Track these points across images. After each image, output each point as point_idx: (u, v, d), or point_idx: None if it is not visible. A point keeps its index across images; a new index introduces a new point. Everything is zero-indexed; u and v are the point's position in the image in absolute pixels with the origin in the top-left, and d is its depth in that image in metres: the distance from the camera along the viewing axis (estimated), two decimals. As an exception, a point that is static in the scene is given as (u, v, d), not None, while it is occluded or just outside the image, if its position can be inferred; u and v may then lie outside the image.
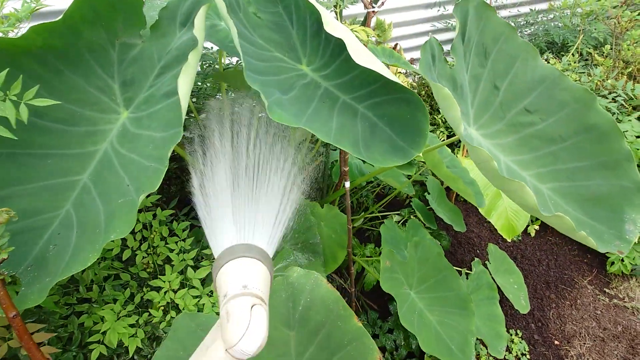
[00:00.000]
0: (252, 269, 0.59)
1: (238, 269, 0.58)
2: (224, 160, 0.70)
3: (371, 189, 2.37)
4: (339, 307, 0.79)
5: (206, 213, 0.66)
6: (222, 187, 0.67)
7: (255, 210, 0.66)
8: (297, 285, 0.81)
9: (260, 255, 0.61)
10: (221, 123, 0.77)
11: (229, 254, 0.60)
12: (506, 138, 1.17)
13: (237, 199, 0.66)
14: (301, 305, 0.79)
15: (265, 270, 0.60)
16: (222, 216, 0.65)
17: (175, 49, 0.98)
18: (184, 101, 0.88)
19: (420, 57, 1.04)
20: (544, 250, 2.46)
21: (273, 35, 1.14)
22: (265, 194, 0.69)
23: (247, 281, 0.56)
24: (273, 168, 0.72)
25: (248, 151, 0.72)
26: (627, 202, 1.05)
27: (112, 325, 1.09)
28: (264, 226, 0.66)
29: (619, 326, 2.08)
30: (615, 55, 2.88)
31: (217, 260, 0.60)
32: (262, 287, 0.57)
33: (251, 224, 0.65)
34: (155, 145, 0.90)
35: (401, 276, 1.40)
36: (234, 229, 0.63)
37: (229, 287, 0.56)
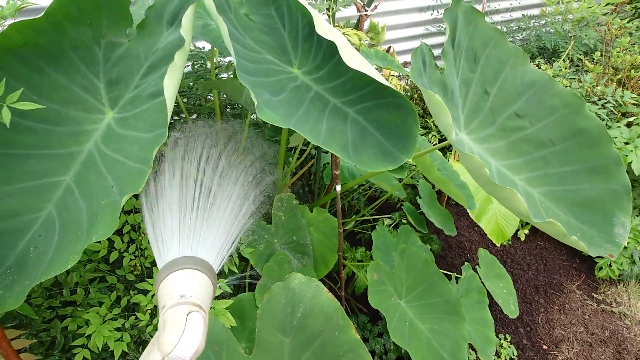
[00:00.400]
0: (192, 279, 0.59)
1: (177, 281, 0.58)
2: (174, 178, 0.72)
3: (363, 191, 2.36)
4: (338, 316, 0.78)
5: (152, 228, 0.67)
6: (170, 203, 0.69)
7: (202, 224, 0.67)
8: (298, 291, 0.80)
9: (202, 266, 0.61)
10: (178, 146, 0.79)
11: (169, 267, 0.60)
12: (497, 142, 1.17)
13: (184, 214, 0.68)
14: (300, 312, 0.78)
15: (207, 279, 0.61)
16: (167, 231, 0.66)
17: (162, 49, 0.97)
18: (170, 102, 0.87)
19: (411, 63, 1.04)
20: (533, 254, 2.48)
21: (264, 37, 1.13)
22: (213, 208, 0.70)
23: (185, 291, 0.57)
24: (224, 184, 0.74)
25: (199, 169, 0.74)
26: (617, 206, 1.06)
27: (98, 328, 1.07)
28: (210, 239, 0.67)
29: (607, 331, 2.09)
30: (605, 61, 2.91)
31: (158, 274, 0.60)
32: (201, 295, 0.57)
33: (195, 237, 0.66)
34: (140, 146, 0.88)
35: (390, 287, 1.39)
36: (176, 243, 0.64)
37: (167, 299, 0.56)
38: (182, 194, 0.72)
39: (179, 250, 0.64)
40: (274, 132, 1.59)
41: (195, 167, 0.76)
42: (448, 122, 0.92)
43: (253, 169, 0.86)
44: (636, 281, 2.31)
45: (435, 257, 2.29)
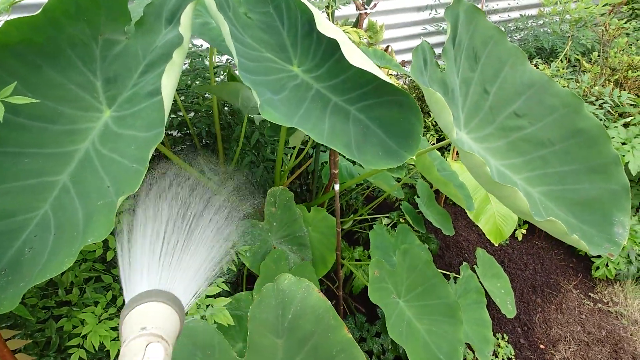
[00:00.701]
0: (154, 311, 0.59)
1: (139, 314, 0.58)
2: (146, 215, 0.71)
3: (361, 191, 2.36)
4: (330, 316, 0.77)
5: (121, 264, 0.67)
6: (141, 236, 0.69)
7: (171, 258, 0.67)
8: (288, 292, 0.79)
9: (166, 298, 0.61)
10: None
11: (132, 302, 0.60)
12: (496, 142, 1.17)
13: (154, 248, 0.67)
14: (291, 314, 0.77)
15: (171, 311, 0.60)
16: (135, 266, 0.65)
17: (161, 47, 0.96)
18: (168, 101, 0.86)
19: (412, 61, 1.03)
20: (530, 254, 2.48)
21: (263, 35, 1.12)
22: (186, 242, 0.70)
23: (146, 323, 0.56)
24: (198, 218, 0.74)
25: (171, 206, 0.75)
26: (616, 205, 1.06)
27: (94, 328, 1.06)
28: (179, 273, 0.66)
29: (603, 330, 2.10)
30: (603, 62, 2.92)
31: (123, 310, 0.60)
32: (164, 326, 0.57)
33: (163, 272, 0.65)
34: (137, 146, 0.87)
35: (390, 285, 1.38)
36: (144, 278, 0.64)
37: (128, 332, 0.55)
38: (153, 229, 0.71)
39: (145, 284, 0.64)
40: (273, 131, 1.58)
41: (167, 203, 0.76)
42: (449, 120, 0.91)
43: (230, 203, 0.86)
44: (633, 281, 2.32)
45: (433, 256, 2.29)
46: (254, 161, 1.71)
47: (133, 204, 0.75)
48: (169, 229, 0.72)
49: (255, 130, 1.76)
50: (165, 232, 0.71)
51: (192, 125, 1.74)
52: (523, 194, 1.07)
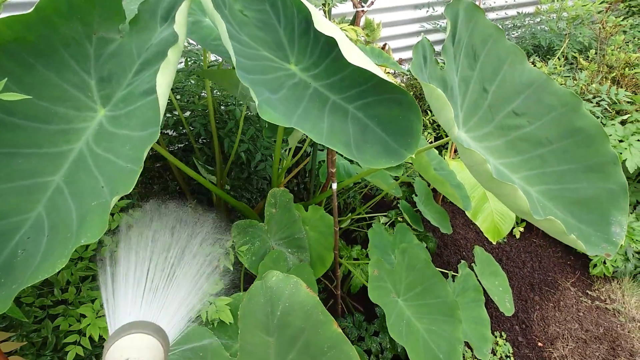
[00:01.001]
0: (137, 343, 0.60)
1: (123, 346, 0.59)
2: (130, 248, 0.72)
3: (358, 189, 2.35)
4: (318, 312, 0.76)
5: (105, 297, 0.68)
6: (127, 269, 0.70)
7: (155, 289, 0.68)
8: (276, 289, 0.78)
9: (150, 329, 0.62)
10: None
11: (118, 333, 0.60)
12: (495, 141, 1.16)
13: (138, 281, 0.69)
14: (280, 310, 0.77)
15: (154, 342, 0.61)
16: (119, 298, 0.66)
17: (155, 45, 0.94)
18: (163, 99, 0.84)
19: (412, 58, 1.02)
20: (528, 252, 2.48)
21: (260, 33, 1.10)
22: (170, 275, 0.71)
23: (129, 354, 0.57)
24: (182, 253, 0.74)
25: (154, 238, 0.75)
26: (614, 205, 1.06)
27: (93, 321, 1.05)
28: (163, 303, 0.67)
29: (601, 328, 2.11)
30: (600, 59, 2.92)
31: (107, 341, 0.60)
32: (147, 357, 0.57)
33: (147, 303, 0.66)
34: (132, 145, 0.86)
35: (389, 284, 1.38)
36: (127, 309, 0.65)
37: None
38: (137, 261, 0.72)
39: (129, 316, 0.65)
40: (272, 132, 1.57)
41: (151, 233, 0.77)
42: (450, 117, 0.90)
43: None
44: (630, 278, 2.33)
45: (432, 254, 2.29)
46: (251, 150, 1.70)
47: (116, 233, 0.76)
48: (154, 258, 0.73)
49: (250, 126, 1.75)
50: (151, 262, 0.72)
51: (188, 124, 1.73)
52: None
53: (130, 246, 0.74)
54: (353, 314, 1.81)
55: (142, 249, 0.75)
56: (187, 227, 0.91)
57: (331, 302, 1.89)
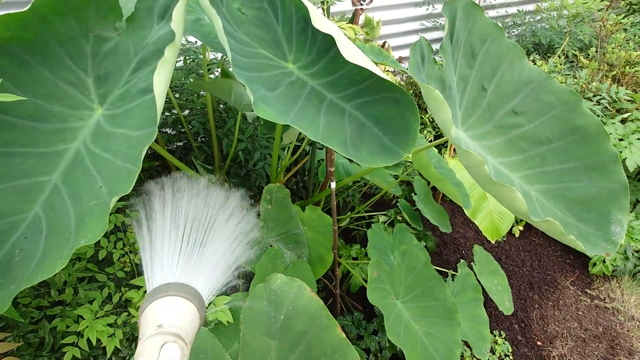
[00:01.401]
0: (173, 307, 0.57)
1: (157, 309, 0.56)
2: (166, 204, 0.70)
3: (358, 188, 2.35)
4: (322, 316, 0.76)
5: (144, 254, 0.65)
6: (164, 225, 0.67)
7: (192, 249, 0.66)
8: (280, 292, 0.78)
9: (186, 292, 0.59)
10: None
11: (152, 295, 0.58)
12: (494, 140, 1.15)
13: (176, 238, 0.66)
14: (283, 314, 0.76)
15: (191, 307, 0.58)
16: (156, 257, 0.64)
17: (153, 43, 0.94)
18: (160, 98, 0.84)
19: (409, 57, 1.01)
20: (528, 251, 2.48)
21: (258, 31, 1.10)
22: (209, 234, 0.69)
23: (163, 320, 0.54)
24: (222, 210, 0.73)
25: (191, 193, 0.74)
26: (614, 204, 1.05)
27: (91, 323, 1.05)
28: (200, 264, 0.65)
29: (600, 327, 2.11)
30: (600, 57, 2.91)
31: (142, 303, 0.58)
32: (180, 324, 0.55)
33: (184, 263, 0.64)
34: (130, 145, 0.85)
35: (388, 286, 1.38)
36: (164, 270, 0.62)
37: (144, 329, 0.54)
38: (172, 219, 0.70)
39: (165, 277, 0.62)
40: (268, 129, 1.56)
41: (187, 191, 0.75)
42: (447, 118, 0.90)
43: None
44: (629, 277, 2.33)
45: (431, 254, 2.29)
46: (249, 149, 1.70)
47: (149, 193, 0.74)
48: (190, 219, 0.71)
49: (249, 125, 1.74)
50: (186, 223, 0.70)
51: (187, 123, 1.72)
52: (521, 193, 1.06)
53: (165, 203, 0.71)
54: (352, 313, 1.80)
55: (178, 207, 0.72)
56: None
57: (330, 301, 1.89)
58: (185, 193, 0.76)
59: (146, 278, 0.63)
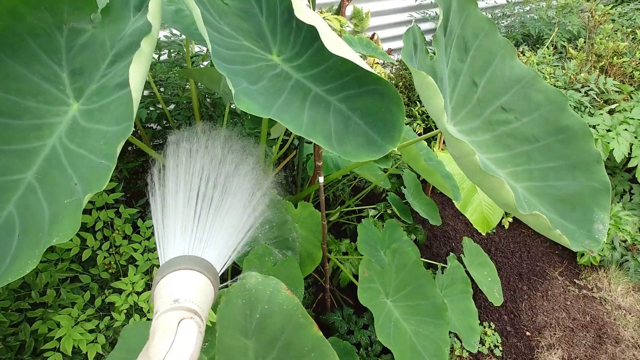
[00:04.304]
0: (189, 281, 0.56)
1: (172, 283, 0.55)
2: (179, 176, 0.67)
3: (347, 182, 2.33)
4: (299, 314, 0.75)
5: (156, 226, 0.63)
6: (179, 196, 0.65)
7: (207, 222, 0.64)
8: (255, 292, 0.76)
9: (201, 265, 0.57)
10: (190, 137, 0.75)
11: (166, 267, 0.56)
12: (483, 135, 1.14)
13: (190, 211, 0.64)
14: (259, 313, 0.75)
15: (206, 281, 0.57)
16: (169, 229, 0.62)
17: (129, 36, 0.90)
18: (137, 92, 0.81)
19: (401, 47, 0.99)
20: (517, 242, 2.49)
21: (241, 23, 1.07)
22: (221, 207, 0.67)
23: (179, 295, 0.53)
24: (233, 184, 0.70)
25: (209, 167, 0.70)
26: (596, 203, 1.06)
27: (68, 331, 1.02)
28: (214, 239, 0.63)
29: (588, 316, 2.13)
30: (589, 48, 2.91)
31: (156, 274, 0.56)
32: (197, 299, 0.54)
33: (197, 235, 0.62)
34: (106, 141, 0.82)
35: (378, 285, 1.37)
36: (177, 241, 0.60)
37: (160, 303, 0.52)
38: (186, 189, 0.68)
39: (179, 249, 0.60)
40: (254, 124, 1.53)
41: (200, 156, 0.73)
42: (440, 106, 0.88)
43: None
44: (616, 266, 2.35)
45: (421, 247, 2.29)
46: None
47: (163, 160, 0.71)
48: (202, 188, 0.69)
49: (238, 122, 1.72)
50: (199, 192, 0.68)
51: (172, 117, 1.69)
52: (508, 187, 1.06)
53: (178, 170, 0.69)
54: (342, 308, 1.80)
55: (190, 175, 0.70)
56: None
57: (320, 296, 1.88)
58: (200, 152, 0.74)
59: (158, 248, 0.62)
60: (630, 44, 2.90)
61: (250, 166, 0.82)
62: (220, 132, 0.84)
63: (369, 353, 1.67)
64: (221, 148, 0.79)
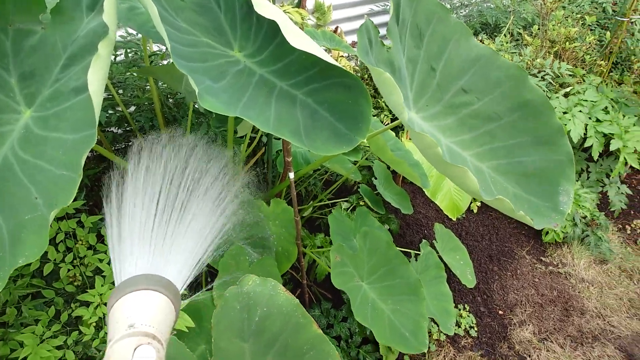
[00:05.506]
0: (146, 303, 0.52)
1: (128, 306, 0.51)
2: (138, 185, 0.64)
3: (319, 176, 2.33)
4: (298, 315, 0.74)
5: (111, 242, 0.60)
6: (136, 209, 0.61)
7: (168, 234, 0.60)
8: (253, 294, 0.75)
9: (160, 285, 0.54)
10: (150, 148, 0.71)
11: (121, 289, 0.52)
12: (445, 119, 1.17)
13: (148, 223, 0.60)
14: (257, 316, 0.74)
15: (165, 301, 0.53)
16: (125, 244, 0.58)
17: (83, 37, 0.86)
18: (97, 97, 0.77)
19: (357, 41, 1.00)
20: (486, 225, 2.57)
21: (199, 18, 1.04)
22: (185, 216, 0.64)
23: (135, 319, 0.49)
24: (200, 189, 0.67)
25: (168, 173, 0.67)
26: (561, 174, 1.09)
27: (34, 349, 0.97)
28: (176, 252, 0.59)
29: (555, 291, 2.23)
30: (543, 35, 3.02)
31: (110, 297, 0.53)
32: (155, 322, 0.50)
33: (156, 250, 0.58)
34: (66, 150, 0.79)
35: (352, 269, 1.38)
36: (133, 258, 0.57)
37: (114, 329, 0.49)
38: (146, 200, 0.64)
39: (136, 267, 0.56)
40: (220, 122, 1.50)
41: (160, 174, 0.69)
42: (399, 101, 0.89)
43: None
44: (578, 242, 2.47)
45: (395, 236, 2.33)
46: None
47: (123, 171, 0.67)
48: (162, 199, 0.64)
49: (203, 122, 1.68)
50: (158, 204, 0.64)
51: (134, 120, 1.63)
52: (473, 170, 1.09)
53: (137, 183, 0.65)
54: (320, 302, 1.81)
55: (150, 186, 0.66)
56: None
57: (298, 291, 1.88)
58: (163, 158, 0.71)
59: (113, 267, 0.58)
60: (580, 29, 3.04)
61: (218, 169, 0.79)
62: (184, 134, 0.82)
63: (350, 345, 1.69)
64: (186, 152, 0.77)
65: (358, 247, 1.43)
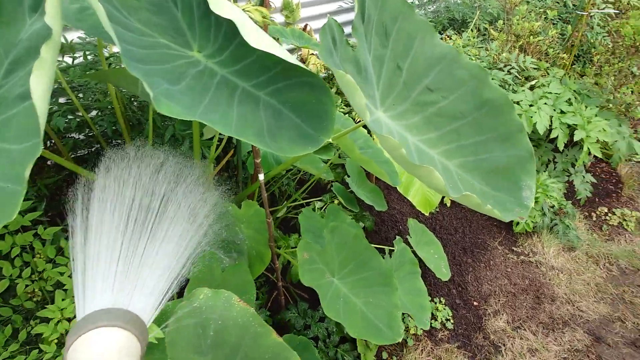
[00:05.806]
0: (108, 342, 0.49)
1: (88, 345, 0.48)
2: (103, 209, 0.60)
3: (292, 176, 2.31)
4: (255, 324, 0.72)
5: (77, 267, 0.56)
6: (102, 237, 0.58)
7: (135, 261, 0.57)
8: (206, 308, 0.72)
9: (124, 320, 0.51)
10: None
11: (82, 326, 0.49)
12: (412, 118, 1.17)
13: (114, 249, 0.57)
14: (212, 330, 0.71)
15: (129, 339, 0.50)
16: (89, 273, 0.54)
17: (26, 40, 0.81)
18: (42, 104, 0.73)
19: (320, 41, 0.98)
20: (459, 218, 2.61)
21: (154, 18, 1.00)
22: (154, 238, 0.60)
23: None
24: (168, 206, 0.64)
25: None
26: (523, 170, 1.11)
27: None
28: (144, 280, 0.56)
29: (526, 280, 2.29)
30: (508, 29, 3.09)
31: (69, 335, 0.49)
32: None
33: (125, 279, 0.55)
34: (11, 161, 0.74)
35: (322, 265, 1.37)
36: (98, 290, 0.53)
37: None
38: (111, 224, 0.60)
39: (99, 300, 0.53)
40: (185, 125, 1.46)
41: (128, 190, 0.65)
42: (362, 103, 0.88)
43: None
44: (547, 231, 2.54)
45: (370, 232, 2.33)
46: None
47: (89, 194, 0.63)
48: (130, 225, 0.61)
49: (169, 125, 1.63)
50: (126, 230, 0.60)
51: (95, 125, 1.57)
52: (441, 168, 1.09)
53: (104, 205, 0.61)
54: (297, 303, 1.79)
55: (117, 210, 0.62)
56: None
57: (275, 293, 1.86)
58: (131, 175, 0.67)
59: (76, 299, 0.54)
60: (543, 23, 3.11)
61: (188, 180, 0.76)
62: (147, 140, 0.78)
63: (328, 344, 1.68)
64: (153, 165, 0.73)
65: (326, 243, 1.42)
